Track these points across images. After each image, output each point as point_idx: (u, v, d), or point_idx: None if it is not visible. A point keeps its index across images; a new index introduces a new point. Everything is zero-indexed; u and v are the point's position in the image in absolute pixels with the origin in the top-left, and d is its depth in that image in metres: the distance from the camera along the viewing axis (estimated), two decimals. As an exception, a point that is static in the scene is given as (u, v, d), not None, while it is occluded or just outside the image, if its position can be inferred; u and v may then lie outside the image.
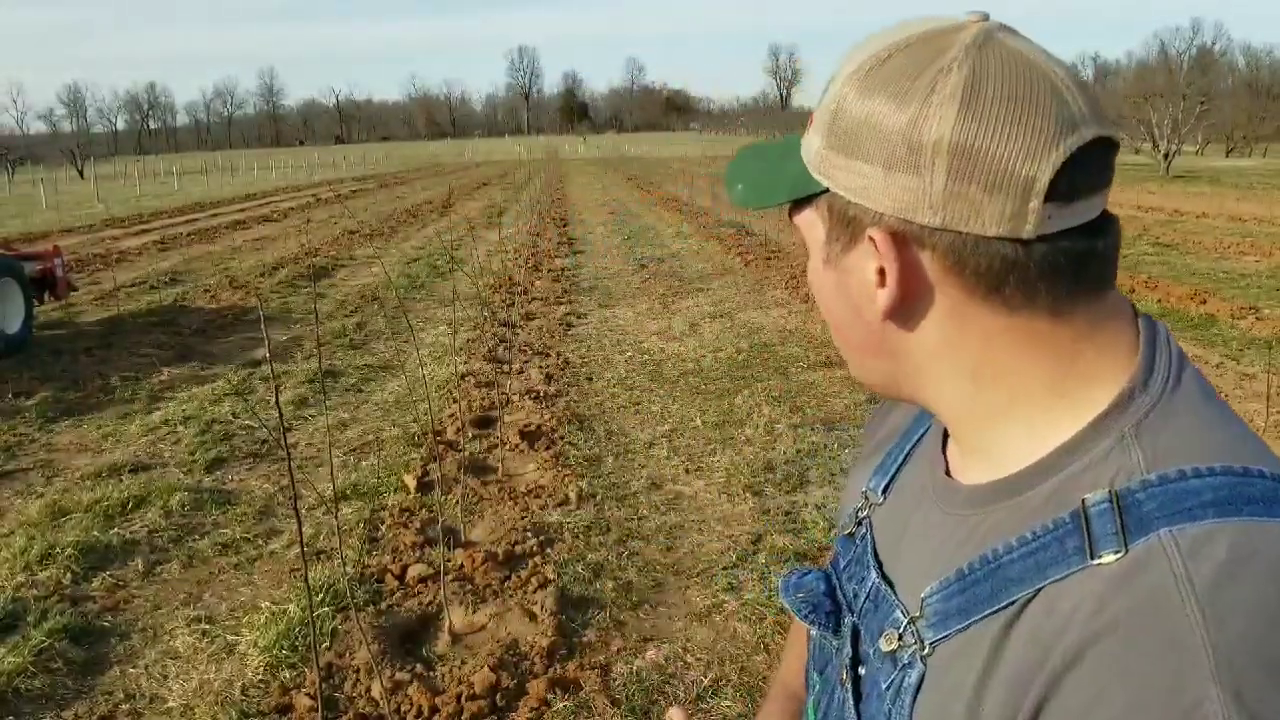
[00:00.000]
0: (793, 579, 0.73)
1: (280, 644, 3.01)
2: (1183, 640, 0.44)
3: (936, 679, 0.56)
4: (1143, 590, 0.47)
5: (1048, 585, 0.51)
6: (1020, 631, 0.51)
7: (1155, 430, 0.53)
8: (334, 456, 4.75)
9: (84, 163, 58.79)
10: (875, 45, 0.56)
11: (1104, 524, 0.50)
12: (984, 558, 0.55)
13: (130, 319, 8.54)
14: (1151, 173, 32.84)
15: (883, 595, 0.63)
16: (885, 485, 0.71)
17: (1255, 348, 6.73)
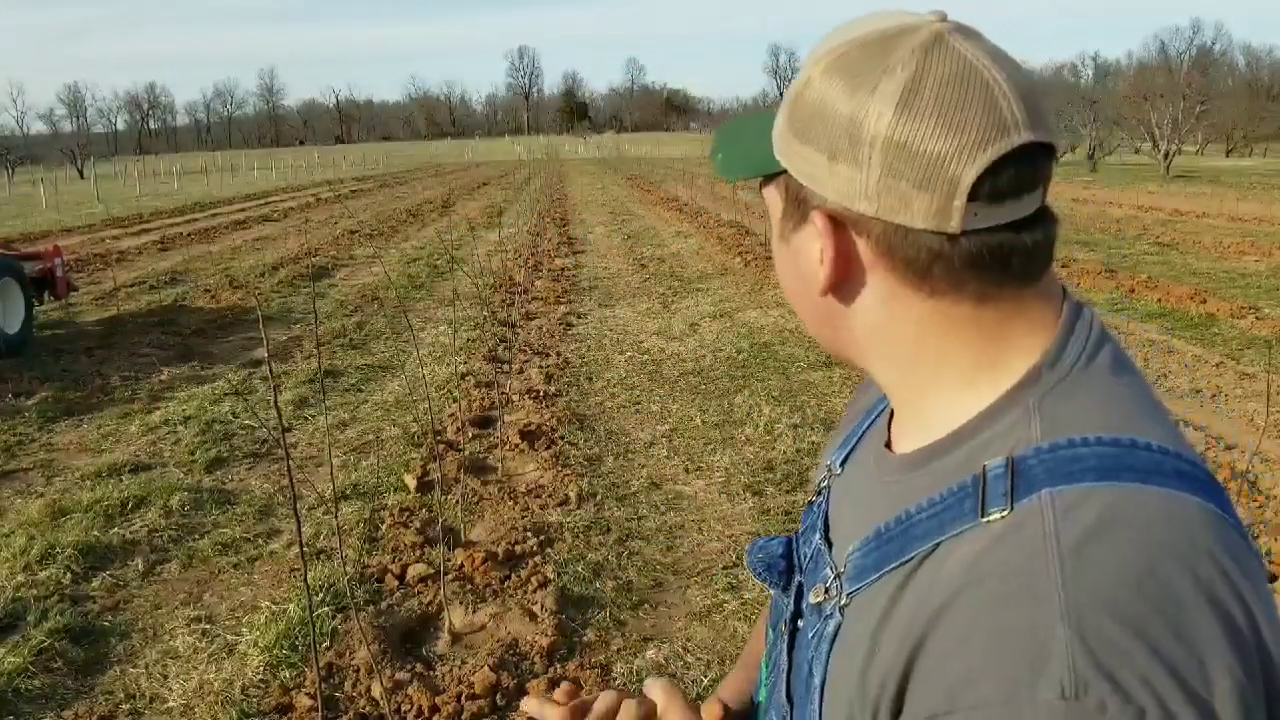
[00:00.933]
0: (759, 543, 0.79)
1: (280, 644, 3.01)
2: (1039, 589, 0.48)
3: (848, 627, 0.60)
4: (1014, 544, 0.51)
5: (944, 541, 0.55)
6: (914, 584, 0.55)
7: (1056, 402, 0.57)
8: (334, 456, 4.75)
9: (84, 163, 58.77)
10: (841, 36, 0.59)
11: (996, 486, 0.54)
12: (898, 518, 0.59)
13: (130, 319, 8.54)
14: (1152, 173, 32.83)
15: (820, 555, 0.68)
16: (844, 458, 0.75)
17: (1255, 347, 6.73)
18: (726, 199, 20.45)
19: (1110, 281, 9.59)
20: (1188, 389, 5.83)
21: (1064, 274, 10.27)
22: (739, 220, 15.52)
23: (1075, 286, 9.60)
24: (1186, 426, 5.07)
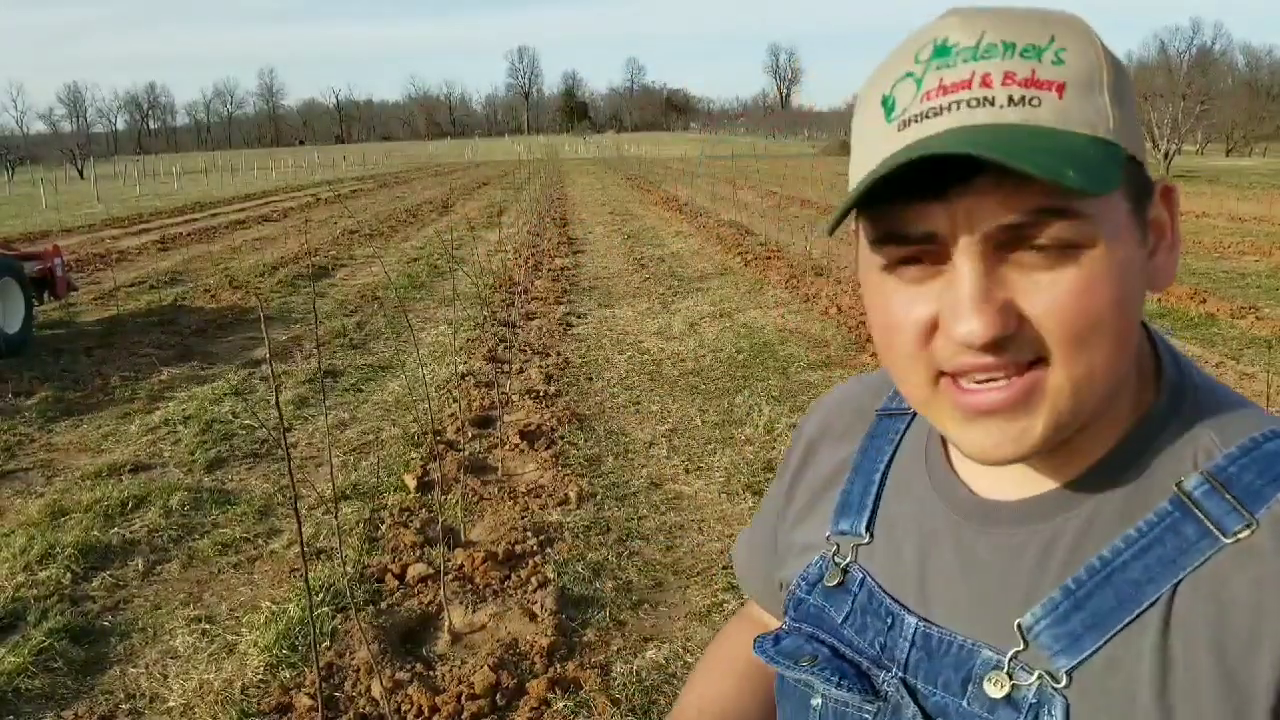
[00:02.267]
0: (772, 647, 0.67)
1: (280, 644, 3.01)
2: None
3: (1091, 707, 0.51)
4: None
5: (1186, 576, 0.50)
6: (1183, 630, 0.49)
7: (1208, 411, 0.54)
8: (334, 456, 4.75)
9: (84, 163, 58.78)
10: (1025, 13, 0.52)
11: (1215, 503, 0.50)
12: (1090, 567, 0.52)
13: (130, 319, 8.54)
14: (1152, 172, 32.78)
15: (938, 639, 0.58)
16: (867, 523, 0.65)
17: (1255, 347, 6.73)
18: (726, 199, 20.46)
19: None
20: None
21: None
22: (739, 220, 15.53)
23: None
24: None
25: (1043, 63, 0.49)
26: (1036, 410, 0.50)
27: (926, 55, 0.51)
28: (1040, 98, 0.48)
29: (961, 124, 0.48)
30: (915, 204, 0.49)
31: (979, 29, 0.50)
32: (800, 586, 0.68)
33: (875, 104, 0.52)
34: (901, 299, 0.52)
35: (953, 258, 0.50)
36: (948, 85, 0.49)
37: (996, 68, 0.49)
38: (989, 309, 0.48)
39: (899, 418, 0.69)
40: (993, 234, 0.49)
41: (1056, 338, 0.49)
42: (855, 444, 0.70)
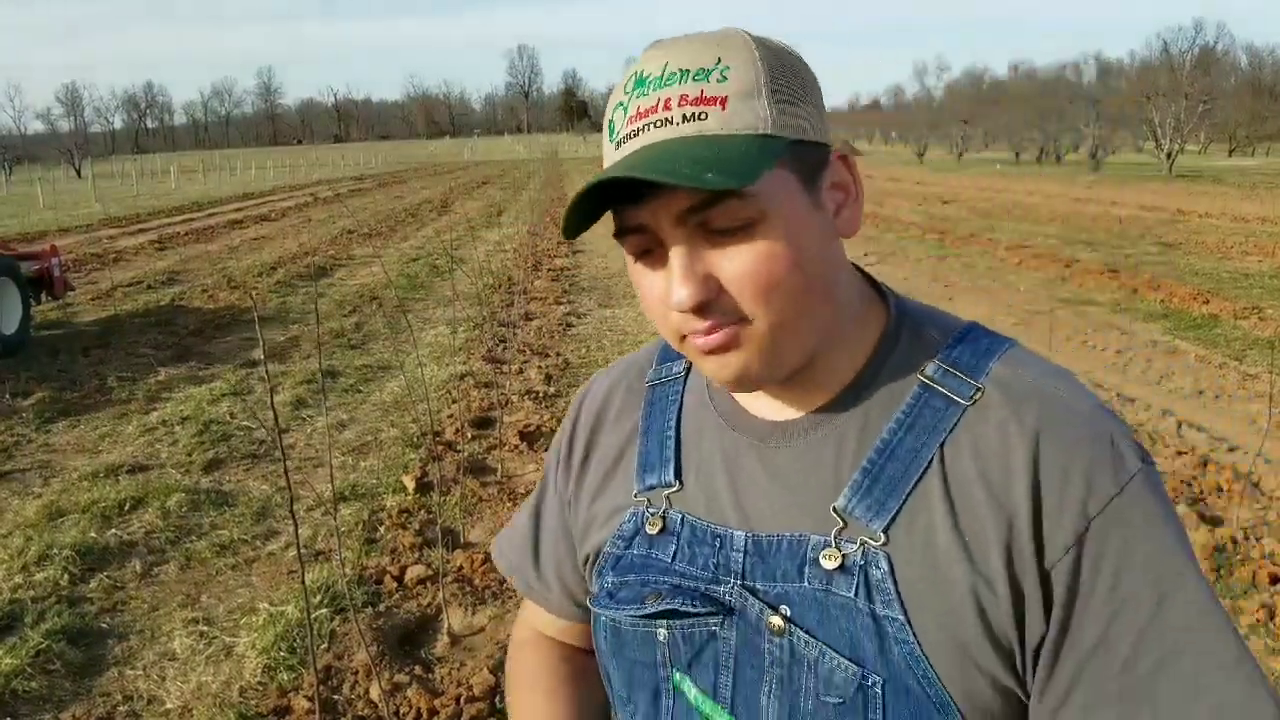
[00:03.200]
0: (608, 600, 0.75)
1: (278, 646, 2.99)
2: (1082, 413, 0.65)
3: (906, 553, 0.64)
4: (1032, 401, 0.65)
5: (946, 439, 0.65)
6: (959, 477, 0.64)
7: (921, 318, 0.72)
8: (332, 457, 4.73)
9: (81, 162, 58.72)
10: (690, 40, 0.66)
11: (950, 380, 0.67)
12: (877, 449, 0.66)
13: (127, 319, 8.52)
14: (1154, 172, 32.81)
15: (767, 541, 0.69)
16: (675, 472, 0.75)
17: (1258, 348, 6.72)
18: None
19: (1113, 282, 9.57)
20: (1191, 390, 5.81)
21: (1067, 274, 10.26)
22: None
23: (1078, 287, 9.59)
24: (1189, 427, 5.05)
25: (710, 82, 0.62)
26: (742, 350, 0.64)
27: (631, 87, 0.64)
28: (707, 112, 0.61)
29: (647, 143, 0.62)
30: (626, 207, 0.63)
31: (664, 61, 0.63)
32: (617, 545, 0.77)
33: (606, 126, 0.67)
34: (647, 280, 0.66)
35: (666, 243, 0.63)
36: (642, 111, 0.63)
37: (675, 92, 0.62)
38: (692, 280, 0.62)
39: (671, 383, 0.81)
40: (680, 219, 0.61)
41: (747, 299, 0.62)
42: (635, 416, 0.80)
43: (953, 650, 0.63)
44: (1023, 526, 0.62)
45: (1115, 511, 0.61)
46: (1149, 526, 0.62)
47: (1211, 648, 0.60)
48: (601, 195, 0.61)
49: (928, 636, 0.63)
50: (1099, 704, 0.61)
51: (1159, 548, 0.61)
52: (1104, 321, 7.78)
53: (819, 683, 0.66)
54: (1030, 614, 0.62)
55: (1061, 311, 7.80)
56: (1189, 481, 4.18)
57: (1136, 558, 0.61)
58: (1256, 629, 3.03)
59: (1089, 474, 0.62)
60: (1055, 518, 0.62)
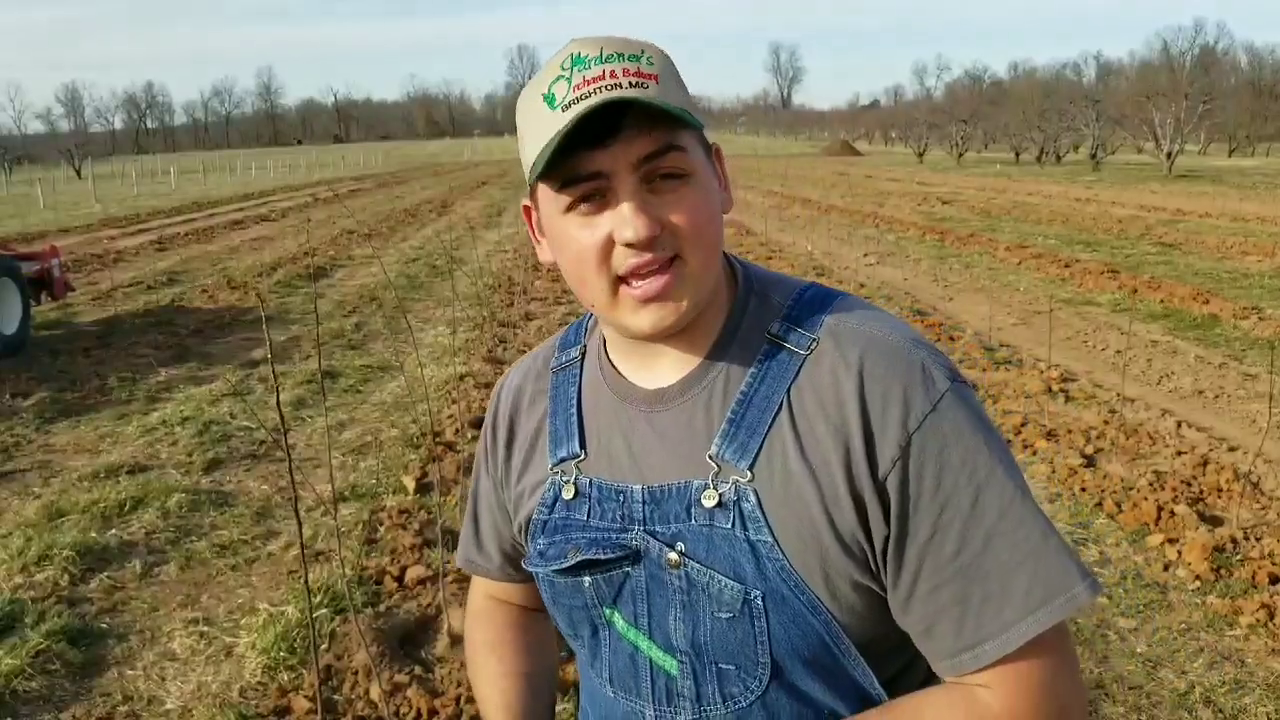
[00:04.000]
0: (540, 559, 0.87)
1: (278, 646, 2.99)
2: (894, 348, 0.77)
3: (768, 484, 0.76)
4: (855, 341, 0.78)
5: (791, 385, 0.78)
6: (804, 415, 0.77)
7: (766, 284, 0.85)
8: (333, 457, 4.73)
9: (81, 162, 58.69)
10: (616, 40, 0.77)
11: (791, 334, 0.80)
12: (738, 400, 0.79)
13: (128, 319, 8.52)
14: (1154, 172, 32.79)
15: (660, 490, 0.81)
16: (580, 442, 0.87)
17: (1258, 348, 6.72)
18: (726, 199, 20.37)
19: (1113, 282, 9.57)
20: (1190, 390, 5.81)
21: (1067, 274, 10.26)
22: (740, 220, 15.50)
23: (1078, 287, 9.59)
24: (1189, 427, 5.05)
25: (642, 63, 0.75)
26: (682, 291, 0.76)
27: (568, 65, 0.74)
28: (647, 83, 0.74)
29: (605, 98, 0.72)
30: (586, 153, 0.73)
31: (599, 46, 0.75)
32: (541, 513, 0.88)
33: (538, 101, 0.76)
34: (585, 229, 0.75)
35: (614, 190, 0.74)
36: (589, 79, 0.73)
37: (618, 67, 0.74)
38: (645, 216, 0.73)
39: (570, 368, 0.92)
40: (638, 164, 0.73)
41: (684, 235, 0.75)
42: (545, 399, 0.92)
43: (814, 559, 0.75)
44: (857, 446, 0.74)
45: (930, 425, 0.74)
46: (960, 433, 0.74)
47: (1024, 527, 0.73)
48: (565, 143, 0.71)
49: (792, 551, 0.75)
50: (941, 585, 0.74)
51: (970, 449, 0.74)
52: (1104, 321, 7.78)
53: (712, 602, 0.78)
54: (873, 520, 0.74)
55: (1061, 311, 7.80)
56: (1189, 481, 4.18)
57: (952, 460, 0.73)
58: (1256, 629, 3.03)
59: (905, 397, 0.74)
60: (881, 437, 0.74)
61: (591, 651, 0.90)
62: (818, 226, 14.72)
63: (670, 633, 0.81)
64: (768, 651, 0.77)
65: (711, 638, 0.79)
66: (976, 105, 56.90)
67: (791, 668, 0.78)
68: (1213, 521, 3.80)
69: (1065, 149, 43.88)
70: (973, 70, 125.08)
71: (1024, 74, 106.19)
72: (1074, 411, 5.27)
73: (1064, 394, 5.62)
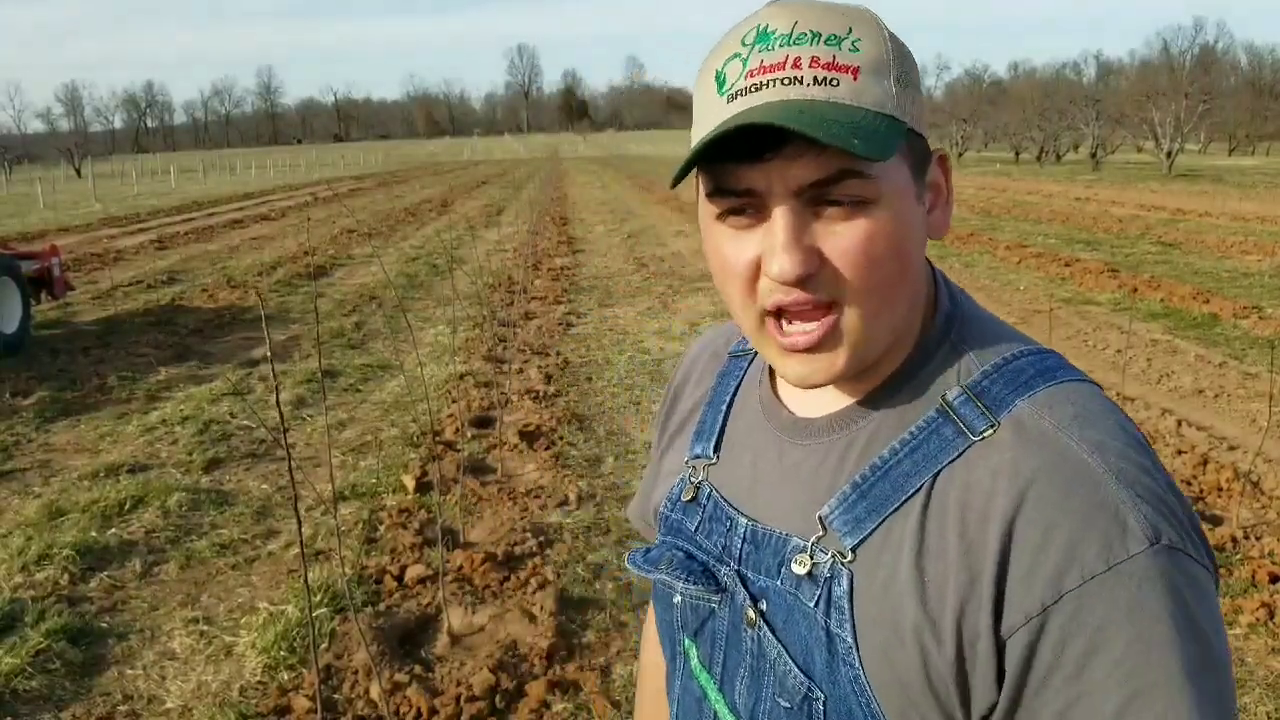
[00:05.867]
0: (641, 557, 0.78)
1: (278, 645, 2.99)
2: (1088, 472, 0.57)
3: (869, 576, 0.62)
4: (1038, 450, 0.59)
5: (943, 469, 0.61)
6: (936, 510, 0.61)
7: (972, 337, 0.67)
8: (332, 457, 4.73)
9: (81, 162, 58.68)
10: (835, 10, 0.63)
11: (969, 410, 0.63)
12: (874, 465, 0.64)
13: (127, 318, 8.52)
14: (1154, 171, 32.77)
15: (762, 533, 0.69)
16: (715, 445, 0.77)
17: (1258, 347, 6.72)
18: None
19: (1113, 281, 9.57)
20: (1190, 389, 5.81)
21: (1067, 273, 10.25)
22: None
23: (1078, 287, 9.59)
24: (1189, 426, 5.05)
25: (842, 50, 0.59)
26: (838, 347, 0.62)
27: (751, 39, 0.60)
28: (839, 79, 0.59)
29: (776, 99, 0.58)
30: (739, 165, 0.59)
31: (793, 19, 0.60)
32: (666, 505, 0.79)
33: (710, 78, 0.62)
34: (732, 244, 0.63)
35: (770, 208, 0.60)
36: (767, 65, 0.59)
37: (806, 52, 0.59)
38: (798, 250, 0.59)
39: (744, 358, 0.81)
40: (800, 190, 0.59)
41: (846, 277, 0.60)
42: (711, 381, 0.82)
43: (894, 687, 0.60)
44: (984, 584, 0.57)
45: (1097, 590, 0.54)
46: (1140, 616, 0.54)
47: None
48: (718, 148, 0.59)
49: (873, 666, 0.61)
50: None
51: (1145, 643, 0.53)
52: (1104, 321, 7.78)
53: (776, 683, 0.66)
54: (976, 677, 0.58)
55: (1061, 311, 7.80)
56: (1189, 480, 4.19)
57: (1112, 646, 0.54)
58: (1256, 628, 3.03)
59: (1073, 542, 0.55)
60: (1022, 583, 0.56)
61: (669, 672, 0.80)
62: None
63: (736, 694, 0.70)
64: None
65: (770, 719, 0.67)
66: (976, 104, 56.85)
67: None
68: (1213, 521, 3.80)
69: (1065, 148, 43.86)
70: (972, 69, 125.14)
71: (1024, 73, 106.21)
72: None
73: (1064, 393, 5.61)
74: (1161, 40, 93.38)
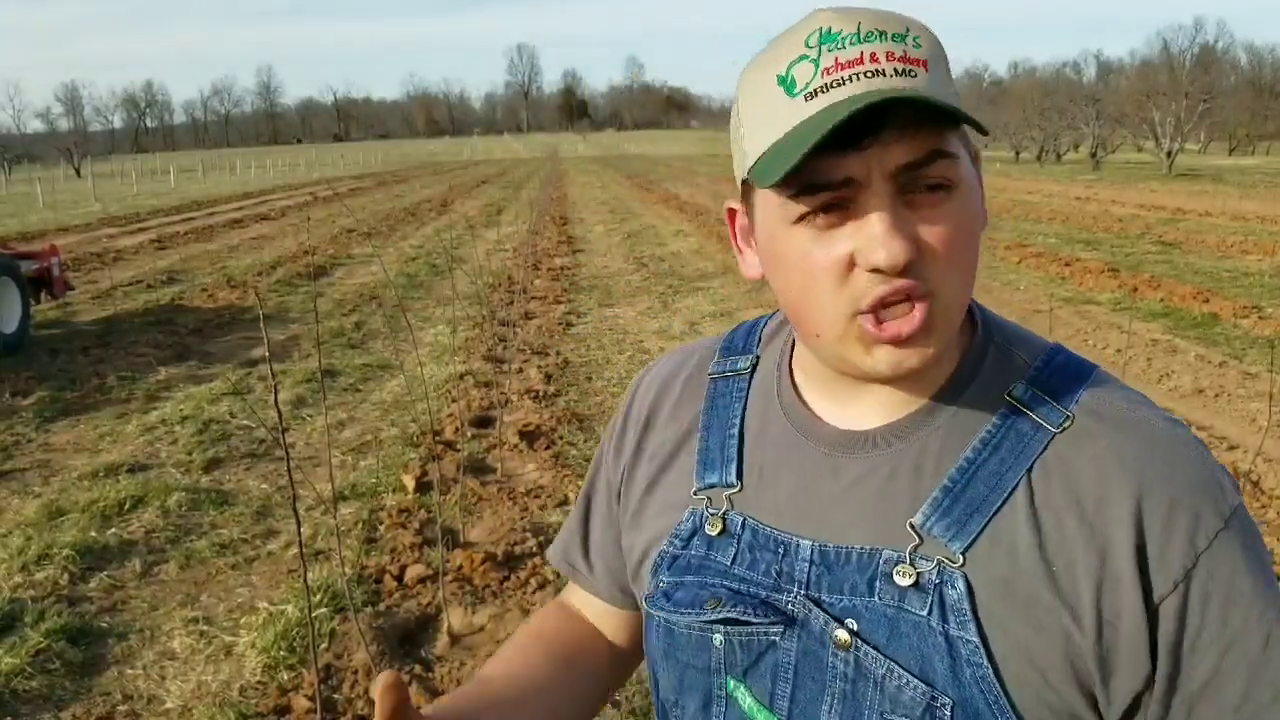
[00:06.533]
0: (669, 601, 0.73)
1: (278, 645, 2.99)
2: (1184, 450, 0.64)
3: (986, 575, 0.63)
4: (1133, 432, 0.64)
5: (1035, 462, 0.64)
6: (1049, 505, 0.63)
7: (1011, 338, 0.70)
8: (332, 456, 4.73)
9: (81, 161, 58.67)
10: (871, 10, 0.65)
11: (1038, 404, 0.66)
12: (960, 468, 0.65)
13: (127, 318, 8.51)
14: (1154, 171, 32.78)
15: (837, 552, 0.67)
16: (737, 472, 0.73)
17: (1258, 347, 6.72)
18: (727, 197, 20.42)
19: (1113, 280, 9.57)
20: (1191, 388, 5.81)
21: (1067, 273, 10.26)
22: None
23: (1078, 286, 9.59)
24: (1189, 426, 5.05)
25: (908, 45, 0.61)
26: (933, 334, 0.62)
27: (815, 41, 0.61)
28: (915, 71, 0.60)
29: (865, 90, 0.59)
30: (834, 156, 0.59)
31: (856, 20, 0.61)
32: (673, 544, 0.75)
33: (771, 84, 0.62)
34: (820, 245, 0.62)
35: (862, 201, 0.60)
36: (843, 63, 0.60)
37: (879, 48, 0.60)
38: (901, 238, 0.59)
39: (737, 378, 0.78)
40: (898, 173, 0.59)
41: (943, 261, 0.61)
42: (695, 408, 0.78)
43: (1029, 676, 0.62)
44: (1121, 561, 0.60)
45: (1220, 547, 0.61)
46: (1251, 560, 0.61)
47: None
48: (806, 141, 0.58)
49: (1004, 660, 0.62)
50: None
51: (1262, 581, 0.61)
52: (1104, 320, 7.78)
53: (885, 700, 0.65)
54: (1124, 653, 0.61)
55: (1062, 310, 7.80)
56: (1189, 480, 4.19)
57: (1243, 592, 0.60)
58: (1256, 628, 3.03)
59: (1196, 507, 0.61)
60: (1162, 553, 0.60)
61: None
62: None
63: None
64: None
65: None
66: (976, 104, 56.86)
67: None
68: (1213, 520, 3.80)
69: (1065, 148, 43.88)
70: (973, 69, 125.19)
71: (1024, 73, 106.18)
72: (1074, 410, 5.27)
73: (1064, 393, 5.62)
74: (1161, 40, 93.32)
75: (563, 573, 0.91)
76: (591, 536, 0.88)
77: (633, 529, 0.80)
